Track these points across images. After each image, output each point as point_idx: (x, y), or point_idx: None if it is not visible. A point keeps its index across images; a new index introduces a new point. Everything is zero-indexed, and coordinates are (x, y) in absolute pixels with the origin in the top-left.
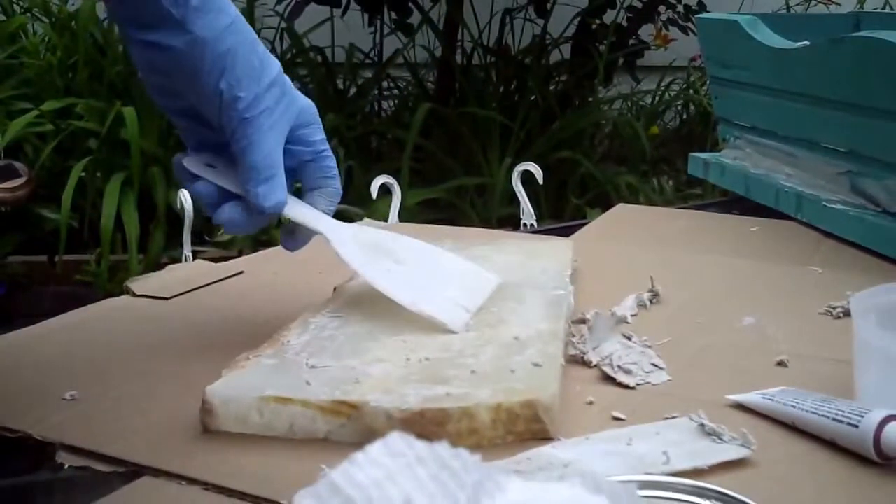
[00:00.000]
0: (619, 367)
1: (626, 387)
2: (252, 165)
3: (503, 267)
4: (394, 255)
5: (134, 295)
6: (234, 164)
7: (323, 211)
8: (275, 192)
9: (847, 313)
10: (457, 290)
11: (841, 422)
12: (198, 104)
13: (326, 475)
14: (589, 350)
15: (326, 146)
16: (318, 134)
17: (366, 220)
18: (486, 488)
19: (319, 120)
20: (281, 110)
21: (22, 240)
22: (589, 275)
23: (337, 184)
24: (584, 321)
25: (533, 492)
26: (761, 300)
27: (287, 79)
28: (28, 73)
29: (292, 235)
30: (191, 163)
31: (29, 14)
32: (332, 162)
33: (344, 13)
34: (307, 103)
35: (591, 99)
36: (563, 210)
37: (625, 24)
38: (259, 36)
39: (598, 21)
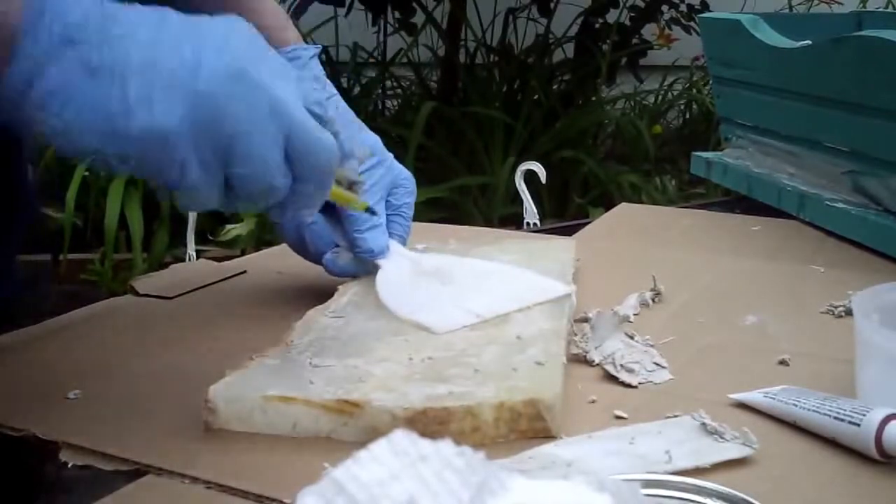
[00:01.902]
0: (621, 365)
1: (629, 386)
2: (354, 217)
3: (506, 266)
4: (444, 276)
5: (138, 294)
6: (335, 218)
7: None
8: (375, 240)
9: (849, 312)
10: (487, 297)
11: (842, 420)
12: None
13: (330, 473)
14: (591, 349)
15: (410, 210)
16: (406, 198)
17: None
18: (490, 486)
19: (413, 187)
20: (381, 173)
21: (26, 239)
22: (591, 274)
23: (404, 234)
24: (586, 320)
25: (536, 490)
26: (763, 299)
27: (389, 154)
28: None
29: (339, 259)
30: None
31: None
32: (407, 222)
33: (348, 13)
34: (406, 174)
35: (593, 98)
36: (565, 209)
37: (628, 23)
38: None
39: (601, 20)
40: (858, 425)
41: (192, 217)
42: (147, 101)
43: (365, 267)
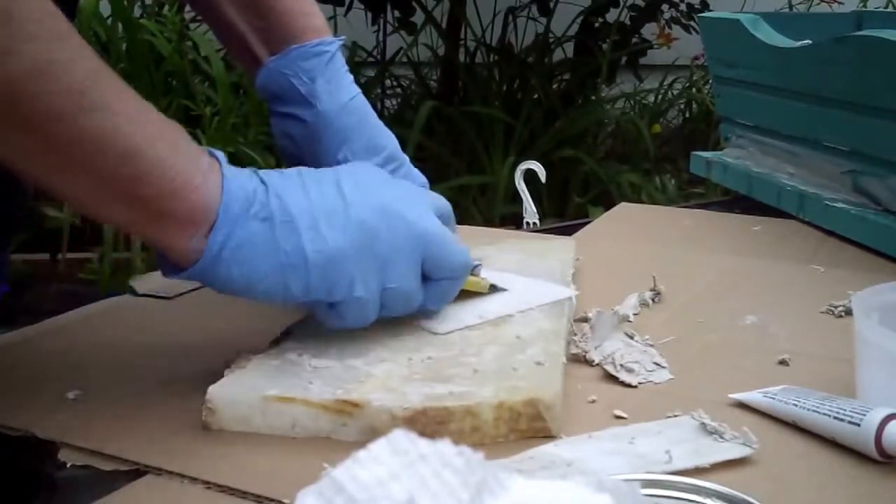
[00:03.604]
0: (621, 365)
1: (629, 385)
2: None
3: (506, 266)
4: None
5: (137, 294)
6: None
7: None
8: None
9: (849, 312)
10: (488, 299)
11: (842, 420)
12: None
13: (329, 473)
14: (591, 349)
15: None
16: None
17: None
18: (489, 486)
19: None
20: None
21: (24, 238)
22: (591, 273)
23: None
24: (586, 320)
25: (536, 490)
26: (763, 299)
27: (404, 156)
28: None
29: None
30: None
31: None
32: None
33: (347, 11)
34: (422, 179)
35: (593, 97)
36: (565, 209)
37: (628, 22)
38: None
39: (600, 20)
40: (858, 425)
41: None
42: (316, 231)
43: None
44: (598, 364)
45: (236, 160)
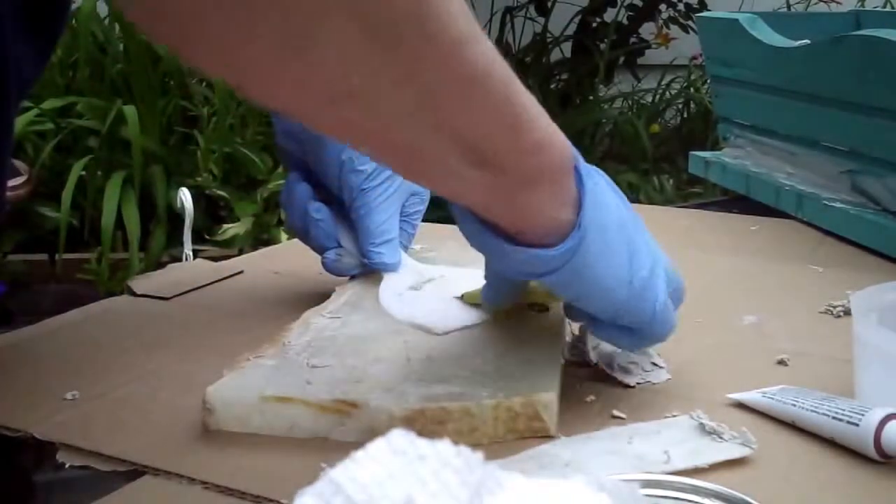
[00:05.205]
0: (619, 365)
1: (627, 385)
2: (371, 230)
3: None
4: (448, 283)
5: (135, 294)
6: (346, 221)
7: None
8: (391, 254)
9: (847, 312)
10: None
11: (841, 420)
12: (323, 175)
13: (327, 474)
14: (589, 349)
15: (419, 218)
16: (418, 206)
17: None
18: (488, 486)
19: (427, 196)
20: (397, 185)
21: (22, 238)
22: None
23: (407, 243)
24: None
25: (534, 489)
26: (762, 299)
27: None
28: None
29: (340, 262)
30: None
31: None
32: (414, 230)
33: None
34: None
35: (591, 97)
36: None
37: (625, 22)
38: None
39: (598, 20)
40: (857, 425)
41: (188, 217)
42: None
43: (365, 268)
44: (596, 364)
45: (234, 161)
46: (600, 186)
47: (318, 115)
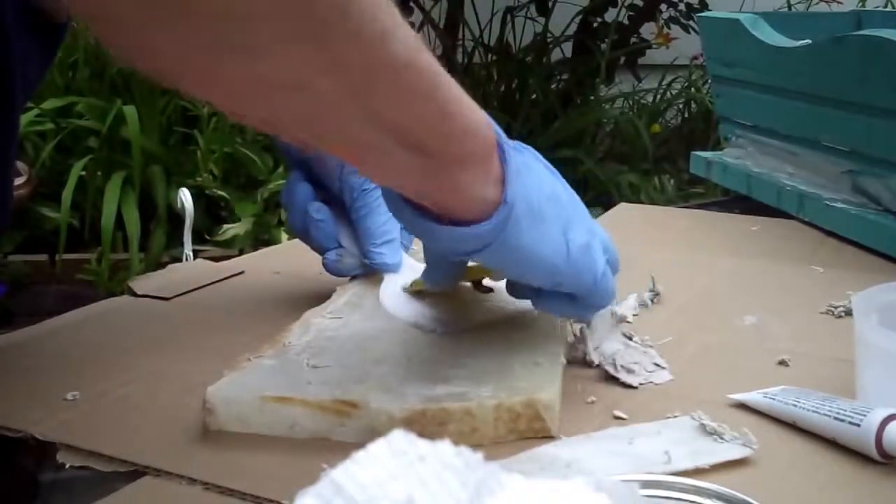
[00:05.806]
0: (620, 366)
1: (628, 386)
2: (372, 231)
3: None
4: None
5: (135, 294)
6: (347, 221)
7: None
8: (392, 254)
9: (848, 312)
10: (488, 302)
11: (842, 421)
12: (323, 175)
13: (328, 474)
14: (590, 349)
15: None
16: None
17: None
18: (489, 486)
19: None
20: None
21: (22, 239)
22: None
23: (408, 243)
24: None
25: (534, 490)
26: (763, 299)
27: None
28: None
29: (341, 262)
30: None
31: None
32: None
33: None
34: None
35: (592, 97)
36: None
37: (626, 22)
38: None
39: (599, 19)
40: (858, 426)
41: (188, 217)
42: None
43: (365, 269)
44: (597, 365)
45: (234, 161)
46: (528, 162)
47: (253, 112)
